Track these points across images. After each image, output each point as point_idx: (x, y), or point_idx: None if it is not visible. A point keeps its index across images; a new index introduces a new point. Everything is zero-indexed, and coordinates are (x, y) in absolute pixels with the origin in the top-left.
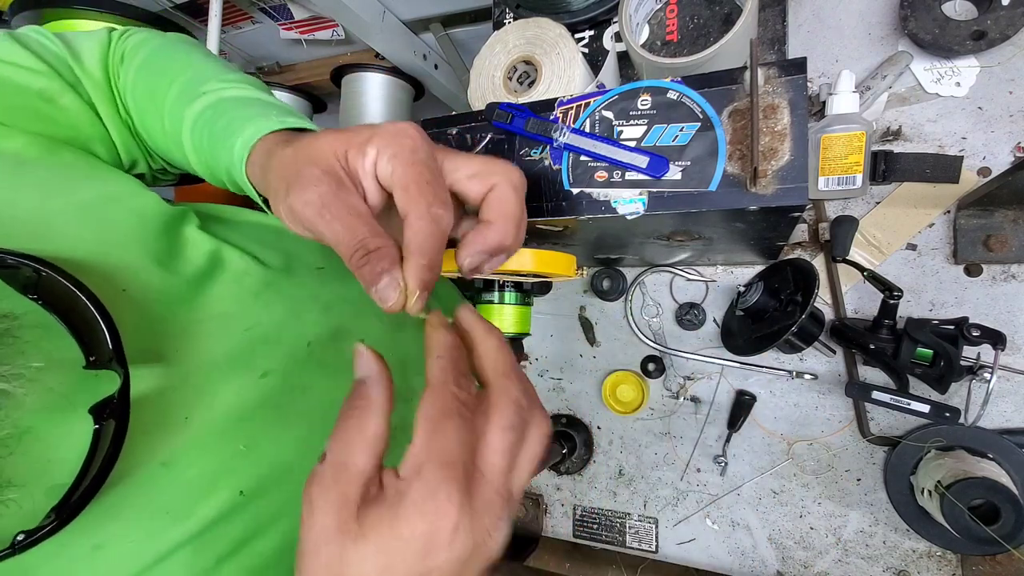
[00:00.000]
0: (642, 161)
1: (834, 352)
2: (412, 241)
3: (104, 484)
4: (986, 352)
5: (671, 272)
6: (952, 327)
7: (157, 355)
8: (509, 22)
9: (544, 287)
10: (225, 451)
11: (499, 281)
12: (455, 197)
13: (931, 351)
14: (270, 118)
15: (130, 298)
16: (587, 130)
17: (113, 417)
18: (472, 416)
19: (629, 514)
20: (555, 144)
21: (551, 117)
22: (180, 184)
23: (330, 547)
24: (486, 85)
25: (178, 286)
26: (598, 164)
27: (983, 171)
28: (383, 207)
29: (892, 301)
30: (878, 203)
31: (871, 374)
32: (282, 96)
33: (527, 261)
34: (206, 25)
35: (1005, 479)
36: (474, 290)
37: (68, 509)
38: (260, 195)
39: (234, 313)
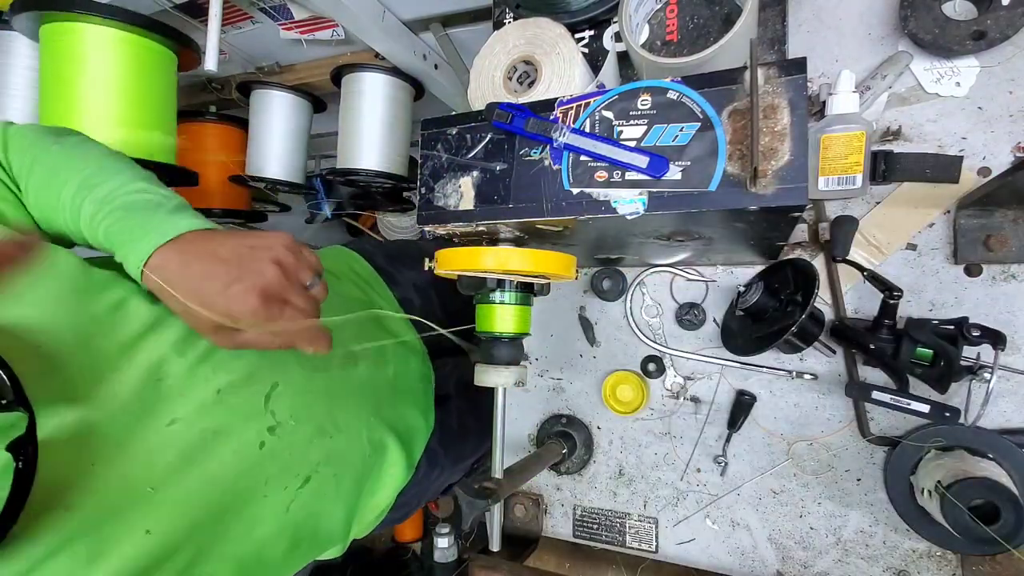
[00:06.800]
0: (642, 161)
1: (834, 352)
2: None
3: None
4: (986, 352)
5: (671, 272)
6: (952, 327)
7: (70, 398)
8: (509, 22)
9: (544, 287)
10: (132, 494)
11: (499, 281)
12: None
13: (931, 351)
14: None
15: (43, 350)
16: (587, 130)
17: (21, 455)
18: None
19: (629, 514)
20: (555, 144)
21: (551, 117)
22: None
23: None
24: (486, 85)
25: (99, 338)
26: (598, 164)
27: (983, 171)
28: None
29: (892, 301)
30: (878, 203)
31: (871, 374)
32: (282, 96)
33: (527, 261)
34: (206, 25)
35: (1005, 479)
36: (473, 292)
37: None
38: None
39: (148, 363)
